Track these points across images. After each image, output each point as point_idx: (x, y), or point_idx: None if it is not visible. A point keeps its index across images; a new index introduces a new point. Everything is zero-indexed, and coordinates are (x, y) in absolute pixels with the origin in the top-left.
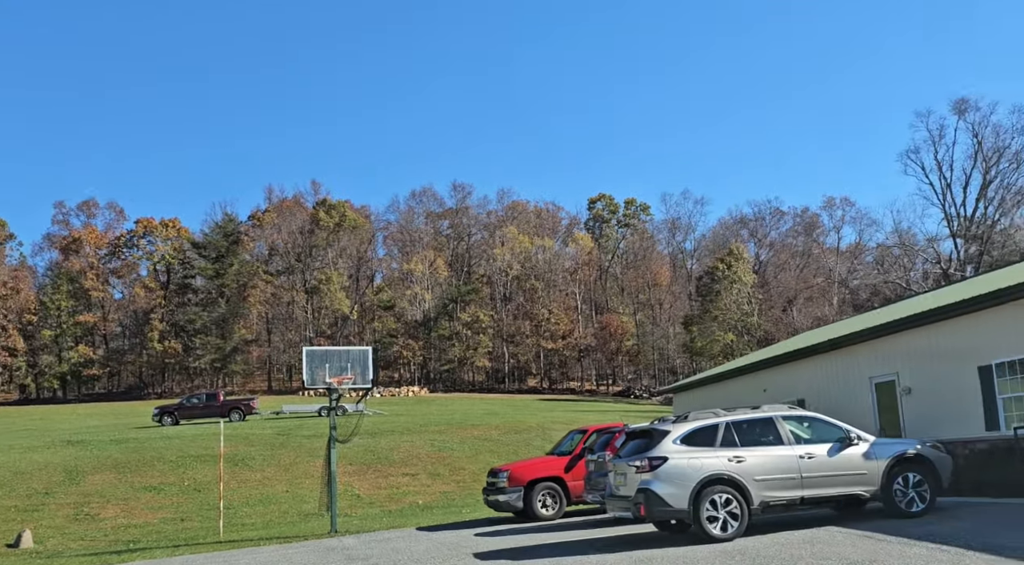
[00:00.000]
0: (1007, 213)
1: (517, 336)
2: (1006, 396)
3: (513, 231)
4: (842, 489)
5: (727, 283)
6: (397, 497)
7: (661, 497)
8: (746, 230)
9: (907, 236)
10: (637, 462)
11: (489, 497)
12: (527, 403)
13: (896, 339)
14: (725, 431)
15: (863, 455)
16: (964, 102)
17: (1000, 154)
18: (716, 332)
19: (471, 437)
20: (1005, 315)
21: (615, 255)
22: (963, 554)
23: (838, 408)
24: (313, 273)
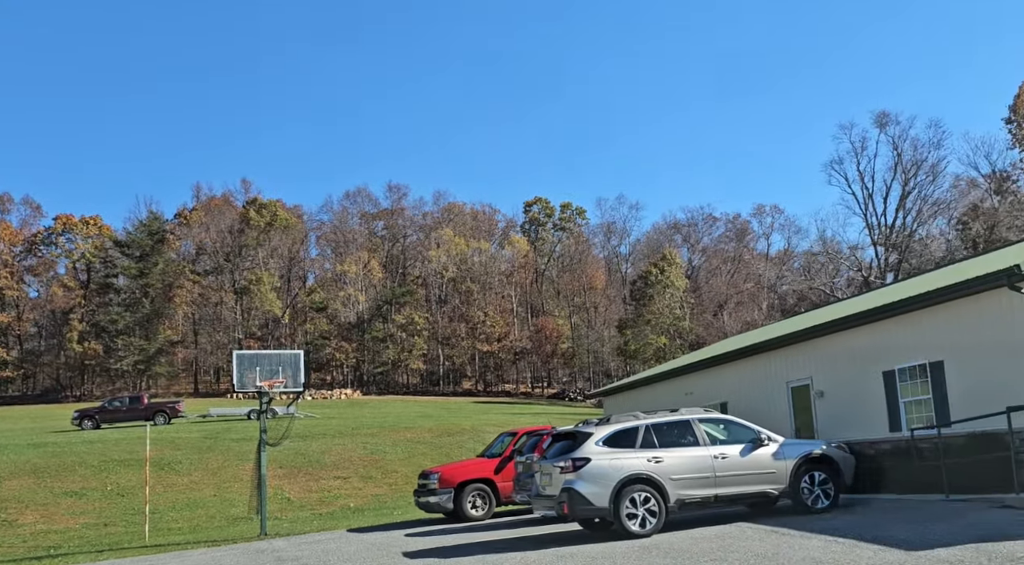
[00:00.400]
0: (924, 223)
1: (452, 338)
2: (907, 400)
3: (449, 233)
4: (753, 487)
5: (660, 287)
6: (328, 500)
7: (584, 496)
8: (680, 235)
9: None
10: (561, 463)
11: (420, 499)
12: (461, 406)
13: (810, 345)
14: (645, 433)
15: (772, 455)
16: (885, 116)
17: (918, 167)
18: (649, 335)
19: (404, 440)
20: (905, 324)
21: (551, 258)
22: (855, 545)
23: (758, 410)
24: (243, 273)
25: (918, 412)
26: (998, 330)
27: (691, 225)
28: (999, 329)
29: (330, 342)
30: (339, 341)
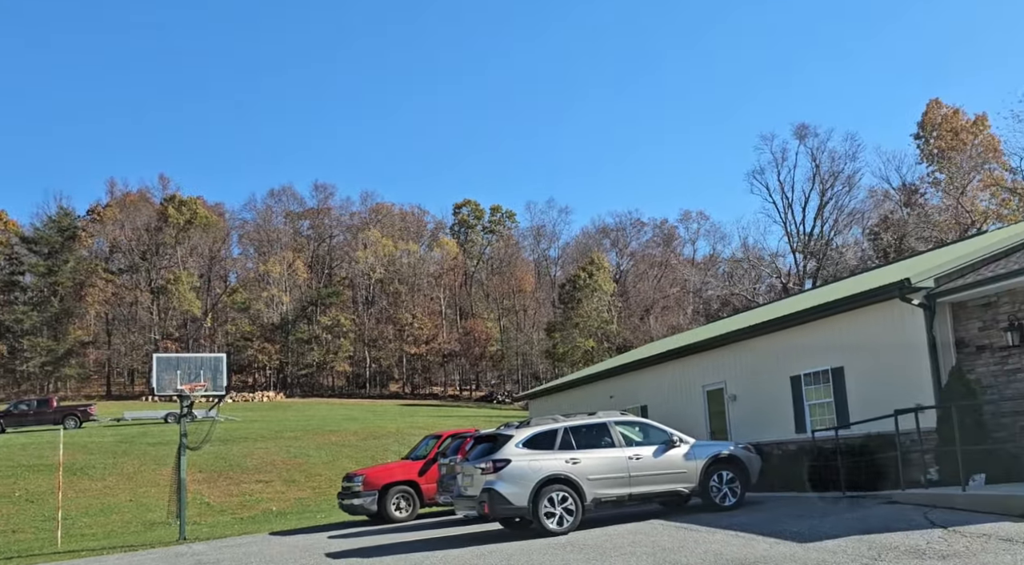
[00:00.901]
0: (840, 232)
1: (379, 340)
2: (812, 403)
3: (377, 234)
4: (665, 486)
5: (588, 291)
6: (250, 504)
7: (504, 496)
8: (608, 240)
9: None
10: (483, 464)
11: (344, 501)
12: (388, 408)
13: (724, 351)
14: (563, 435)
15: (684, 456)
16: (804, 128)
17: (835, 178)
18: (577, 339)
19: (328, 443)
20: (810, 331)
21: (480, 261)
22: (754, 538)
23: (676, 413)
24: (160, 272)
25: (821, 414)
26: (891, 338)
27: (619, 230)
28: (892, 337)
29: (252, 343)
30: (262, 342)
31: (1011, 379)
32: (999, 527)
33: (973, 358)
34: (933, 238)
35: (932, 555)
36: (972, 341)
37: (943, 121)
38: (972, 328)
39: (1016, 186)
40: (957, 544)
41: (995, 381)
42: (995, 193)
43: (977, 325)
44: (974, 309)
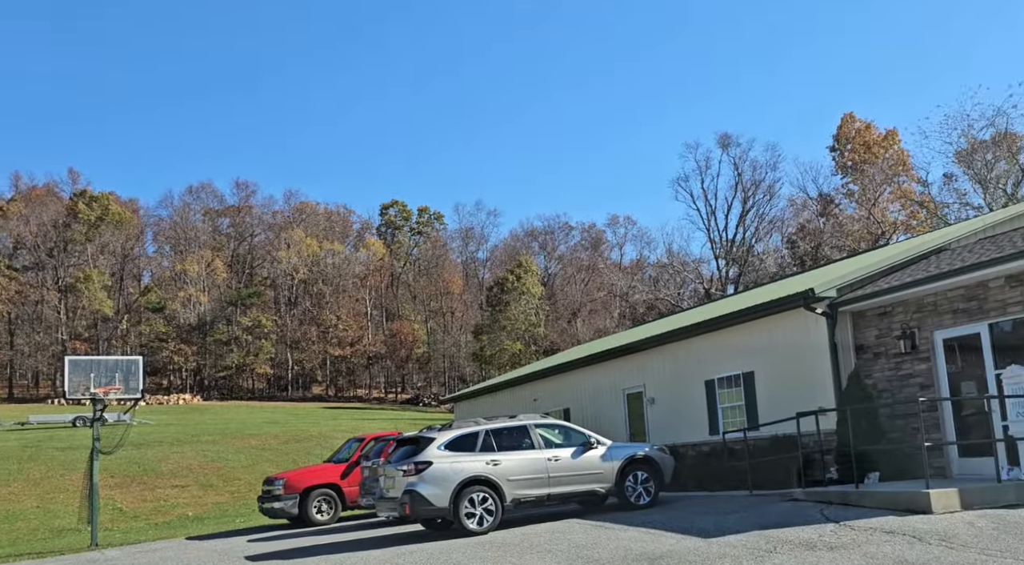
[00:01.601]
0: (761, 239)
1: (302, 342)
2: (725, 406)
3: (300, 234)
4: (583, 486)
5: (516, 294)
6: (165, 509)
7: (425, 497)
8: (536, 243)
9: (678, 256)
10: (404, 466)
11: (264, 505)
12: (311, 411)
13: (643, 356)
14: (484, 438)
15: (601, 457)
16: (727, 137)
17: (756, 186)
18: (505, 341)
19: (248, 447)
20: (723, 338)
21: (407, 262)
22: (663, 535)
23: (599, 416)
24: (69, 270)
25: (734, 417)
26: (798, 344)
27: (548, 233)
28: (798, 343)
29: (168, 345)
30: (178, 344)
31: (904, 384)
32: (885, 521)
33: (871, 364)
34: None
35: (822, 547)
36: (870, 348)
37: (856, 135)
38: (870, 335)
39: (924, 199)
40: (846, 537)
41: (890, 385)
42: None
43: (874, 333)
44: (872, 318)
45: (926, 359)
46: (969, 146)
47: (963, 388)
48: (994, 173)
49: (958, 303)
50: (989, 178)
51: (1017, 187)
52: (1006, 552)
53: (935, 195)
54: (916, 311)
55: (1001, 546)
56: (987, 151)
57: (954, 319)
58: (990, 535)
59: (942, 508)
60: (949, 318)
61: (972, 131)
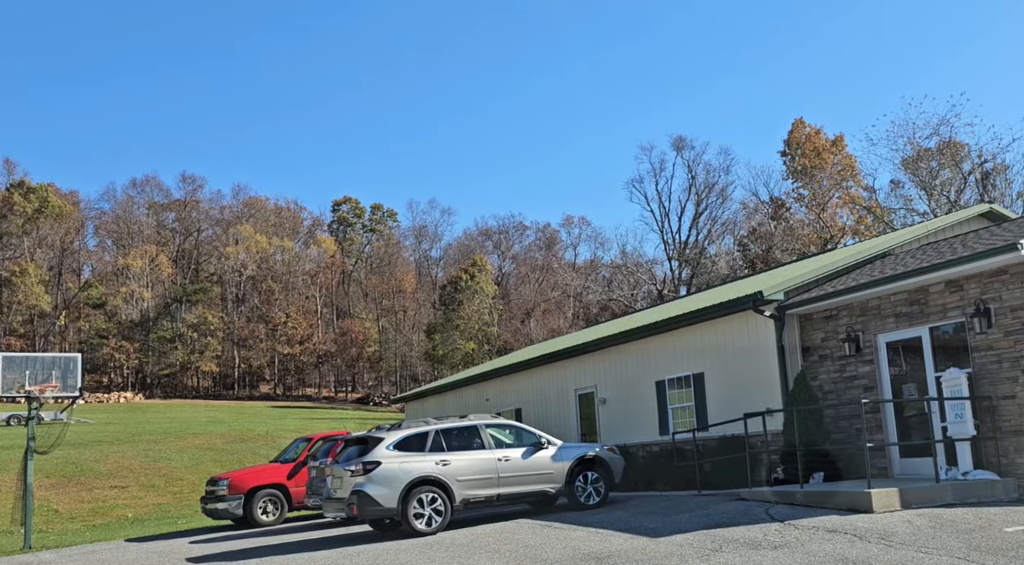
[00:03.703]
0: (714, 242)
1: (250, 340)
2: (675, 406)
3: (249, 229)
4: (533, 487)
5: (470, 293)
6: (103, 511)
7: (373, 498)
8: (491, 242)
9: (631, 257)
10: (352, 466)
11: (207, 505)
12: (258, 410)
13: (595, 356)
14: (434, 438)
15: (551, 457)
16: (682, 140)
17: (710, 189)
18: (458, 341)
19: (191, 446)
20: (674, 339)
21: (359, 260)
22: (612, 534)
23: (550, 416)
24: (4, 263)
25: (684, 418)
26: (746, 346)
27: (502, 232)
28: (747, 345)
29: (109, 341)
30: (119, 341)
31: (848, 385)
32: (827, 520)
33: (817, 366)
34: (797, 250)
35: (766, 546)
36: (816, 350)
37: (806, 140)
38: (816, 338)
39: (871, 204)
40: (789, 536)
41: (835, 387)
42: (853, 211)
43: (821, 335)
44: (818, 320)
45: (870, 361)
46: (915, 154)
47: (905, 390)
48: (938, 180)
49: (901, 307)
50: (933, 185)
51: (960, 194)
52: (942, 550)
53: (882, 201)
54: (861, 314)
55: (937, 544)
56: (932, 159)
57: (897, 323)
58: (928, 533)
59: (883, 507)
60: (892, 322)
61: (917, 139)
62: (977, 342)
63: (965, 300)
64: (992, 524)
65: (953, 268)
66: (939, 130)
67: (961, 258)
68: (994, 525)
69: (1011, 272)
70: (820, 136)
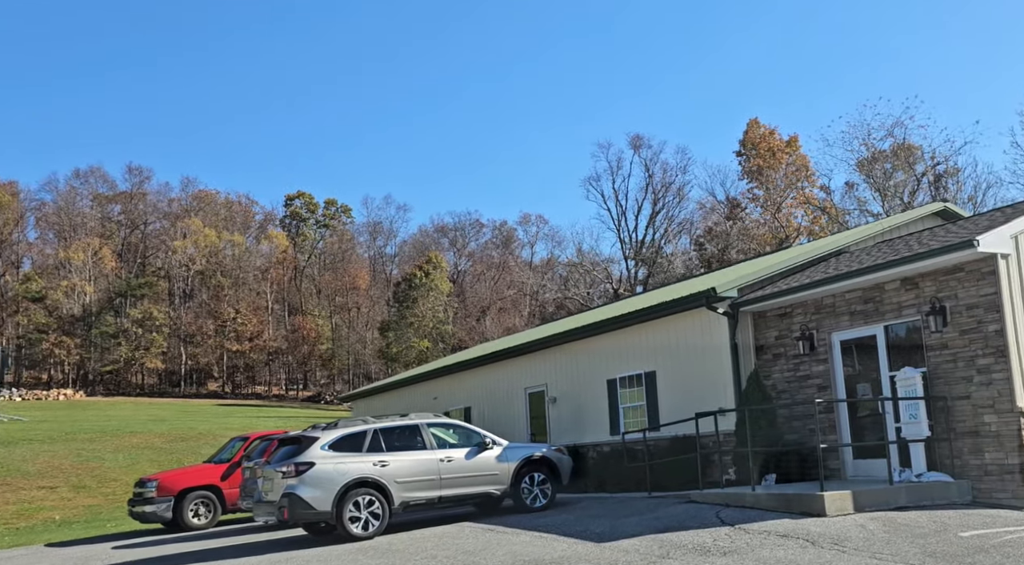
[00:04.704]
0: (670, 241)
1: (198, 336)
2: (626, 406)
3: (198, 223)
4: (477, 488)
5: (424, 290)
6: (28, 513)
7: (305, 500)
8: (447, 239)
9: (588, 256)
10: (284, 468)
11: (134, 508)
12: (204, 408)
13: (547, 354)
14: (372, 437)
15: (496, 458)
16: (639, 139)
17: (667, 188)
18: (412, 339)
19: (129, 446)
20: (626, 337)
21: (312, 255)
22: (556, 539)
23: (500, 415)
24: None
25: (635, 417)
26: (699, 344)
27: (459, 229)
28: (700, 343)
29: (48, 336)
30: (59, 335)
31: (802, 384)
32: (779, 524)
33: (770, 365)
34: (752, 250)
35: (715, 552)
36: (770, 348)
37: (761, 140)
38: (770, 336)
39: (826, 205)
40: (740, 541)
41: (789, 386)
42: (807, 211)
43: (774, 334)
44: (772, 318)
45: (824, 360)
46: (870, 155)
47: (859, 390)
48: (892, 182)
49: (855, 305)
50: (887, 187)
51: (914, 196)
52: (896, 555)
53: (838, 202)
54: (815, 312)
55: (891, 549)
56: (886, 161)
57: (851, 321)
58: (881, 538)
59: (836, 510)
60: (846, 320)
61: (872, 140)
62: (932, 341)
63: (920, 298)
64: (947, 528)
65: (908, 265)
66: (893, 132)
67: (916, 255)
68: (949, 529)
69: (967, 269)
70: (774, 136)
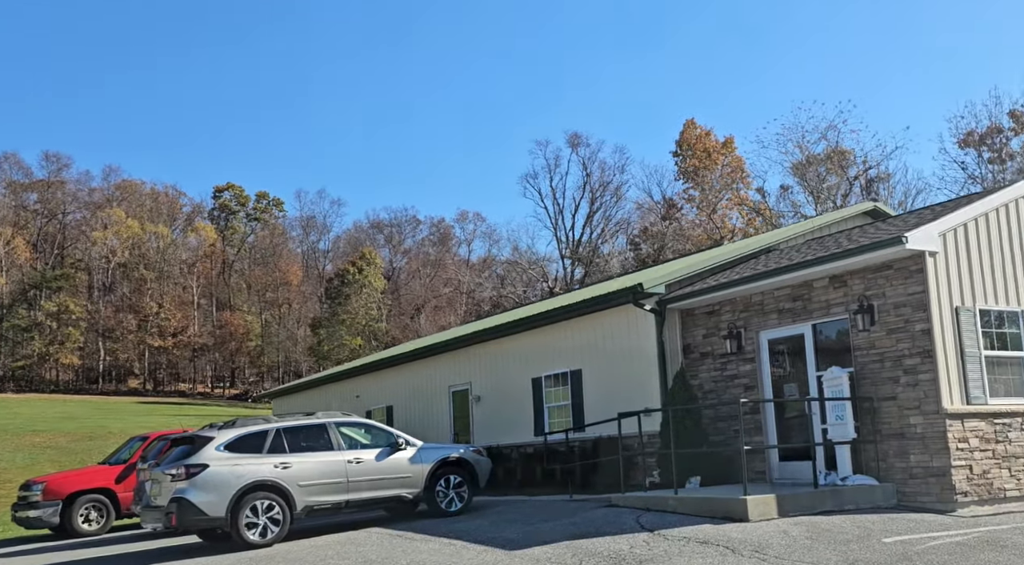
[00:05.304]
0: (607, 241)
1: (118, 331)
2: (552, 405)
3: (120, 214)
4: (388, 492)
5: (357, 287)
6: None
7: (196, 506)
8: (382, 235)
9: (525, 254)
10: (173, 470)
11: (18, 513)
12: (121, 406)
13: (472, 351)
14: (274, 438)
15: (409, 459)
16: (577, 137)
17: (604, 188)
18: (344, 336)
19: (29, 445)
20: (551, 334)
21: (242, 250)
22: (466, 546)
23: (424, 414)
24: None
25: (560, 417)
26: (626, 342)
27: (394, 225)
28: (627, 341)
29: None
30: None
31: (729, 384)
32: (700, 530)
33: (697, 364)
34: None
35: (631, 560)
36: (697, 347)
37: (697, 141)
38: (698, 335)
39: (760, 207)
40: (658, 548)
41: (716, 386)
42: (742, 212)
43: (702, 332)
44: (700, 316)
45: (751, 360)
46: (804, 158)
47: (786, 390)
48: (825, 185)
49: (784, 303)
50: (821, 190)
51: (846, 199)
52: (817, 564)
53: (773, 205)
54: (743, 310)
55: (814, 557)
56: (819, 164)
57: (779, 319)
58: (803, 545)
59: (759, 515)
60: (775, 318)
61: (806, 143)
62: (859, 341)
63: (849, 296)
64: (870, 534)
65: (837, 262)
66: (827, 135)
67: (845, 251)
68: (872, 535)
69: (895, 267)
70: (710, 137)
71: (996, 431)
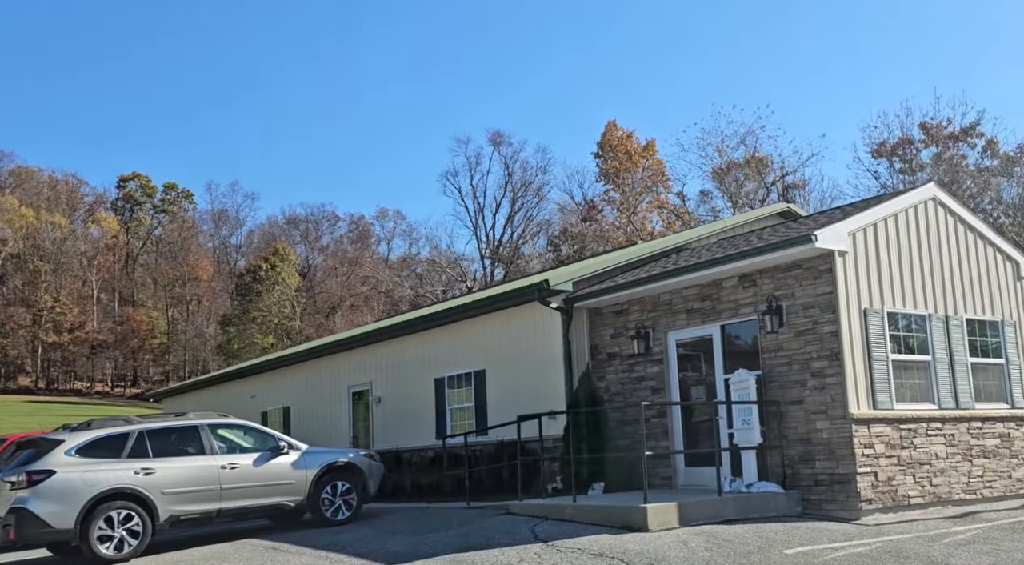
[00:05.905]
0: (528, 242)
1: (8, 325)
2: (454, 407)
3: (14, 201)
4: (266, 500)
5: (270, 283)
6: None
7: (39, 517)
8: (298, 231)
9: (445, 254)
10: (13, 477)
11: None
12: (8, 405)
13: (373, 349)
14: (136, 441)
15: (292, 465)
16: (499, 136)
17: (526, 188)
18: (256, 334)
19: None
20: (454, 333)
21: (148, 242)
22: (342, 560)
23: (322, 415)
24: None
25: (463, 419)
26: (532, 342)
27: (311, 221)
28: (533, 341)
29: None
30: None
31: (636, 387)
32: (596, 540)
33: (604, 365)
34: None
35: None
36: (605, 348)
37: (618, 143)
38: (606, 335)
39: (680, 211)
40: (549, 561)
41: (623, 388)
42: (662, 215)
43: (610, 332)
44: (608, 316)
45: (659, 361)
46: (724, 164)
47: (694, 393)
48: (743, 191)
49: (693, 302)
50: (739, 195)
51: (763, 204)
52: None
53: (692, 210)
54: (652, 310)
55: None
56: (738, 170)
57: (688, 319)
58: (702, 557)
59: (659, 525)
60: (683, 318)
61: (725, 147)
62: (768, 342)
63: (758, 296)
64: (772, 545)
65: (746, 260)
66: (745, 140)
67: (755, 249)
68: (774, 546)
69: (805, 267)
70: (632, 140)
71: (902, 437)
